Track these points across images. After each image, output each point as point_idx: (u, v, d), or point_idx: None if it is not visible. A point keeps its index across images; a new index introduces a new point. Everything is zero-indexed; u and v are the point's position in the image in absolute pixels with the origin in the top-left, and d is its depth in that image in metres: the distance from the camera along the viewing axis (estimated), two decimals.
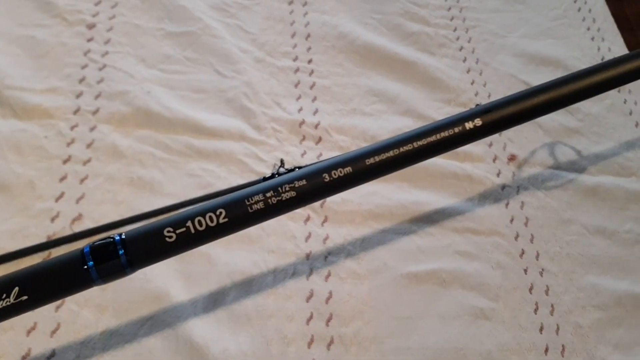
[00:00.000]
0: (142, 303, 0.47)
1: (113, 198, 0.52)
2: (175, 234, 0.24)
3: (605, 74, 0.37)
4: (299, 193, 0.26)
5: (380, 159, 0.29)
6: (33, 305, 0.23)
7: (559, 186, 0.64)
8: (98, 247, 0.23)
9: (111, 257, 0.23)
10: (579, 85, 0.36)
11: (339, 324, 0.50)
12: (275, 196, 0.25)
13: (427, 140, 0.31)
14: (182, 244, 0.24)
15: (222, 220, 0.24)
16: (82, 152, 0.54)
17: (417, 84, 0.66)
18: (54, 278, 0.23)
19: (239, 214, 0.25)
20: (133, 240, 0.24)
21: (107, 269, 0.23)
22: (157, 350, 0.46)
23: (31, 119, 0.54)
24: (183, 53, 0.61)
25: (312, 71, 0.64)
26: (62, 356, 0.44)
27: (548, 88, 0.38)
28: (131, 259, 0.24)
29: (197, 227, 0.24)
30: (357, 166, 0.28)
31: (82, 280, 0.23)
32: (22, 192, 0.50)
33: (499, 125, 0.35)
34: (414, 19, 0.72)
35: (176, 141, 0.56)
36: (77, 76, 0.57)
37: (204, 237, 0.24)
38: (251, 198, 0.25)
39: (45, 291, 0.23)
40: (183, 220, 0.24)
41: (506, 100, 0.36)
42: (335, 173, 0.27)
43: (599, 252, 0.61)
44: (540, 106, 0.36)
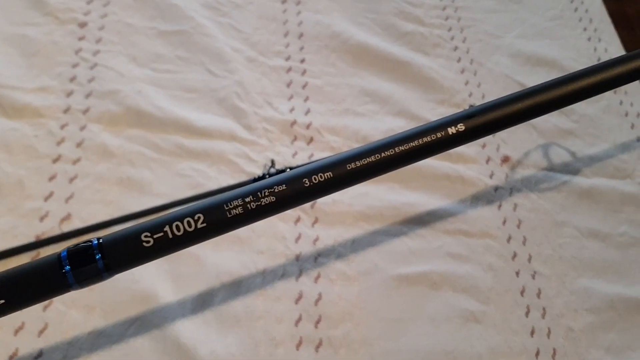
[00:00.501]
0: (130, 304, 0.48)
1: (102, 198, 0.52)
2: (153, 239, 0.24)
3: (594, 77, 0.37)
4: (279, 198, 0.26)
5: (361, 164, 0.29)
6: (10, 310, 0.24)
7: (553, 188, 0.64)
8: (75, 252, 0.23)
9: (88, 261, 0.24)
10: (566, 90, 0.36)
11: (328, 326, 0.50)
12: (254, 201, 0.25)
13: (409, 145, 0.31)
14: (159, 249, 0.24)
15: (200, 225, 0.25)
16: (72, 152, 0.54)
17: (410, 84, 0.67)
18: (31, 282, 0.23)
19: (218, 219, 0.25)
20: (110, 245, 0.24)
21: (84, 273, 0.23)
22: (145, 351, 0.46)
23: (21, 118, 0.54)
24: (175, 52, 0.62)
25: (305, 71, 0.65)
26: (50, 356, 0.44)
27: (534, 92, 0.37)
28: (108, 264, 0.24)
29: (174, 232, 0.24)
30: (338, 171, 0.28)
31: (59, 285, 0.23)
32: (11, 191, 0.50)
33: (482, 130, 0.35)
34: (409, 19, 0.72)
35: (166, 141, 0.56)
36: (68, 75, 0.58)
37: (181, 242, 0.25)
38: (230, 203, 0.25)
39: (22, 295, 0.23)
40: (160, 225, 0.24)
41: (490, 105, 0.36)
42: (316, 178, 0.28)
43: (592, 255, 0.61)
44: (525, 111, 0.36)
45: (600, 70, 0.39)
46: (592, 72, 0.38)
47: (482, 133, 0.36)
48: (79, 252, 0.23)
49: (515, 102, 0.36)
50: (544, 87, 0.38)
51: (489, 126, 0.35)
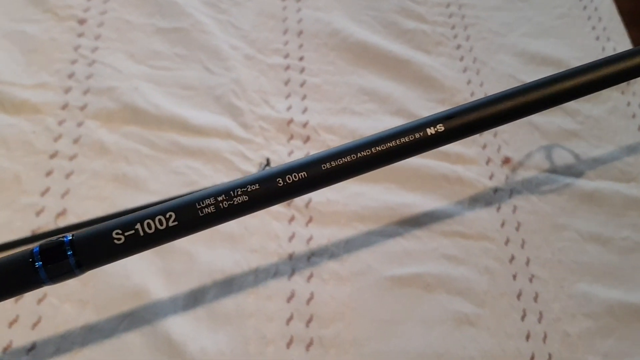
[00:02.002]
0: (122, 299, 0.50)
1: (98, 194, 0.54)
2: (124, 237, 0.25)
3: (582, 77, 0.37)
4: (252, 197, 0.27)
5: (336, 164, 0.30)
6: None
7: (554, 190, 0.65)
8: (47, 248, 0.25)
9: (60, 258, 0.25)
10: (552, 90, 0.37)
11: (319, 325, 0.52)
12: (227, 200, 0.27)
13: (386, 146, 0.32)
14: (131, 246, 0.26)
15: (171, 224, 0.26)
16: (68, 148, 0.56)
17: (410, 83, 0.68)
18: (4, 277, 0.25)
19: (189, 218, 0.26)
20: (82, 242, 0.25)
21: (56, 269, 0.25)
22: (136, 347, 0.48)
23: (19, 113, 0.56)
24: (173, 49, 0.63)
25: (303, 69, 0.66)
26: (43, 349, 0.46)
27: (517, 93, 0.38)
28: (79, 261, 0.25)
29: (146, 230, 0.26)
30: (313, 171, 0.29)
31: (32, 280, 0.25)
32: (8, 186, 0.52)
33: (462, 132, 0.35)
34: (411, 16, 0.73)
35: (162, 138, 0.58)
36: (67, 71, 0.60)
37: (153, 240, 0.26)
38: (202, 202, 0.26)
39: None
40: (132, 223, 0.25)
41: (471, 106, 0.36)
42: (290, 178, 0.29)
43: (592, 260, 0.61)
44: (508, 112, 0.36)
45: (589, 70, 0.38)
46: (580, 72, 0.38)
47: (462, 134, 0.36)
48: (50, 248, 0.25)
49: (498, 102, 0.36)
50: (529, 87, 0.38)
51: (470, 127, 0.35)
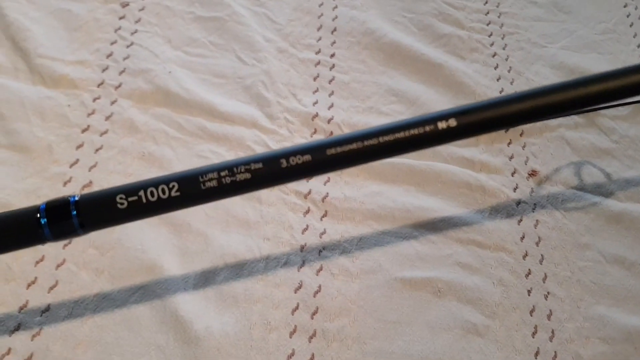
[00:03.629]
0: (136, 272, 0.53)
1: (123, 170, 0.58)
2: (127, 202, 0.28)
3: (604, 84, 0.37)
4: (254, 176, 0.29)
5: (342, 150, 0.31)
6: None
7: (580, 208, 0.65)
8: (53, 206, 0.27)
9: (64, 217, 0.27)
10: (571, 95, 0.37)
11: (323, 318, 0.54)
12: (229, 176, 0.29)
13: (394, 137, 0.32)
14: (132, 212, 0.28)
15: (174, 194, 0.28)
16: (100, 124, 0.60)
17: (440, 87, 0.69)
18: (10, 231, 0.27)
19: (192, 190, 0.28)
20: (86, 203, 0.28)
21: (60, 228, 0.27)
22: (144, 319, 0.51)
23: (57, 87, 0.61)
24: (208, 37, 0.67)
25: (333, 65, 0.68)
26: (56, 312, 0.50)
27: (536, 94, 0.38)
28: (83, 221, 0.28)
29: (148, 198, 0.28)
30: (317, 155, 0.31)
31: (36, 236, 0.27)
32: (40, 155, 0.57)
33: (475, 129, 0.35)
34: (448, 21, 0.74)
35: (190, 122, 0.61)
36: (106, 51, 0.64)
37: (154, 208, 0.28)
38: (205, 175, 0.28)
39: (2, 242, 0.27)
40: (136, 189, 0.28)
41: (488, 103, 0.36)
42: (294, 160, 0.30)
43: (614, 283, 0.61)
44: (525, 113, 0.36)
45: (613, 76, 0.38)
46: (602, 79, 0.38)
47: (474, 131, 0.37)
48: (56, 207, 0.27)
49: (515, 102, 0.36)
50: (550, 89, 0.38)
51: (484, 124, 0.36)
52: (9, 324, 0.48)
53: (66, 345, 0.48)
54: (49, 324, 0.49)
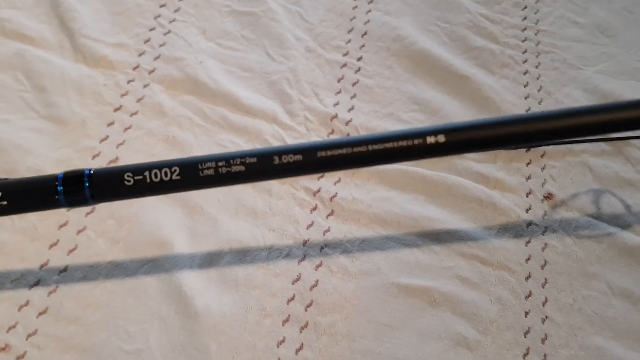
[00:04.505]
0: (149, 246, 0.62)
1: (148, 150, 0.68)
2: (133, 180, 0.36)
3: (602, 116, 0.42)
4: (248, 169, 0.37)
5: (331, 153, 0.38)
6: (9, 212, 0.36)
7: (593, 237, 0.70)
8: (69, 177, 0.35)
9: (78, 187, 0.36)
10: (566, 123, 0.41)
11: (317, 312, 0.61)
12: (225, 166, 0.37)
13: (382, 146, 0.39)
14: (137, 189, 0.36)
15: (174, 177, 0.36)
16: (131, 105, 0.70)
17: (465, 100, 0.75)
18: (31, 193, 0.36)
19: (190, 175, 0.36)
20: (98, 177, 0.36)
21: (73, 196, 0.35)
22: (151, 289, 0.60)
23: (97, 67, 0.71)
24: (241, 31, 0.76)
25: (359, 69, 0.76)
26: (72, 273, 0.60)
27: (530, 119, 0.42)
28: (93, 193, 0.36)
29: (152, 178, 0.36)
30: (308, 156, 0.38)
31: (52, 201, 0.35)
32: (74, 128, 0.67)
33: (462, 147, 0.40)
34: (481, 34, 0.80)
35: (214, 111, 0.70)
36: (144, 37, 0.74)
37: (156, 188, 0.36)
38: (204, 164, 0.36)
39: (22, 202, 0.36)
40: (142, 170, 0.36)
41: (477, 124, 0.41)
42: (286, 158, 0.38)
43: (617, 316, 0.65)
44: (516, 136, 0.41)
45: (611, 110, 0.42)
46: (600, 110, 0.42)
47: (462, 149, 0.42)
48: (72, 177, 0.36)
49: (507, 125, 0.41)
50: (543, 116, 0.43)
51: (472, 143, 0.41)
52: (29, 278, 0.59)
53: (78, 304, 0.58)
54: (65, 283, 0.59)
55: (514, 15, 0.85)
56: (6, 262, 0.59)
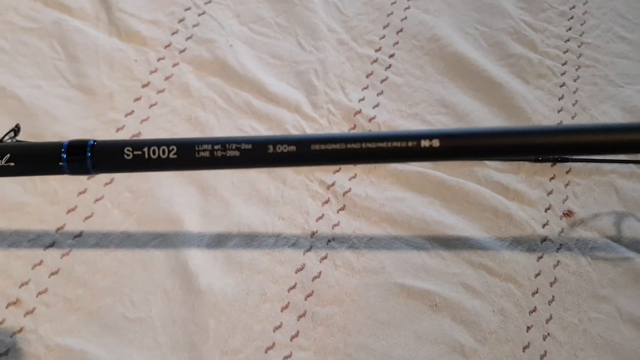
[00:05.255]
0: (160, 221, 0.69)
1: (170, 128, 0.75)
2: (133, 154, 0.41)
3: (594, 136, 0.45)
4: (243, 154, 0.42)
5: (325, 147, 0.42)
6: (15, 173, 0.41)
7: (610, 260, 0.73)
8: (73, 145, 0.41)
9: (81, 156, 0.41)
10: (564, 139, 0.44)
11: (316, 302, 0.67)
12: (221, 150, 0.42)
13: (376, 145, 0.43)
14: (136, 164, 0.41)
15: (172, 156, 0.41)
16: (159, 82, 0.77)
17: (495, 107, 0.79)
18: (37, 157, 0.41)
19: (186, 156, 0.41)
20: (100, 149, 0.41)
21: (76, 165, 0.41)
22: (158, 263, 0.67)
23: (129, 42, 0.79)
24: (275, 18, 0.82)
25: (390, 65, 0.81)
26: (86, 239, 0.67)
27: (529, 132, 0.45)
28: (95, 164, 0.41)
29: (150, 155, 0.41)
30: (302, 148, 0.42)
31: (56, 167, 0.41)
32: (102, 100, 0.75)
33: (456, 153, 0.43)
34: (522, 41, 0.84)
35: (238, 96, 0.77)
36: (179, 16, 0.81)
37: (154, 165, 0.41)
38: (200, 145, 0.42)
39: (28, 165, 0.41)
40: (141, 145, 0.41)
41: (474, 132, 0.43)
42: (280, 148, 0.42)
43: (623, 342, 0.69)
44: (513, 148, 0.44)
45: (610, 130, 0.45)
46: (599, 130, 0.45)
47: (456, 155, 0.46)
48: (76, 146, 0.41)
49: (505, 136, 0.44)
50: (546, 130, 0.46)
51: (467, 151, 0.44)
52: (45, 240, 0.66)
53: (88, 269, 0.66)
54: (78, 248, 0.67)
55: (559, 24, 0.89)
56: (25, 222, 0.67)
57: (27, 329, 0.62)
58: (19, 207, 0.68)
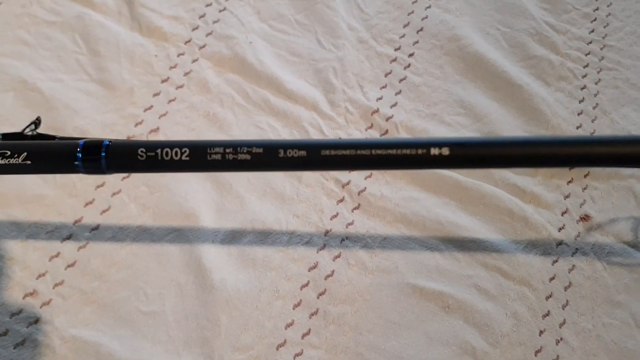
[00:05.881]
0: (176, 216, 0.68)
1: (188, 124, 0.73)
2: (146, 155, 0.40)
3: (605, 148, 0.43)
4: (253, 158, 0.41)
5: (335, 153, 0.41)
6: (31, 171, 0.41)
7: (626, 265, 0.70)
8: (89, 145, 0.40)
9: (96, 156, 0.40)
10: (577, 150, 0.43)
11: (328, 301, 0.65)
12: (232, 153, 0.41)
13: (385, 152, 0.41)
14: (148, 165, 0.40)
15: (184, 158, 0.40)
16: (179, 78, 0.75)
17: (514, 109, 0.76)
18: (53, 156, 0.40)
19: (198, 158, 0.40)
20: (114, 149, 0.40)
21: (90, 164, 0.40)
22: (173, 257, 0.66)
23: (150, 37, 0.77)
24: (295, 15, 0.80)
25: (409, 65, 0.78)
26: (103, 232, 0.66)
27: (540, 142, 0.44)
28: (109, 164, 0.40)
29: (163, 156, 0.40)
30: (312, 153, 0.41)
31: (71, 166, 0.40)
32: (122, 94, 0.73)
33: (465, 162, 0.42)
34: (543, 43, 0.81)
35: (256, 92, 0.74)
36: (200, 12, 0.79)
37: (166, 166, 0.40)
38: (212, 148, 0.40)
39: (44, 163, 0.40)
40: (155, 147, 0.40)
41: (484, 141, 0.43)
42: (290, 152, 0.41)
43: (636, 348, 0.66)
44: (518, 158, 0.43)
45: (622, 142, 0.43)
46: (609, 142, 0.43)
47: (465, 164, 0.44)
48: (91, 146, 0.40)
49: (515, 145, 0.43)
50: (555, 140, 0.44)
51: (477, 160, 0.43)
52: (62, 232, 0.65)
53: (104, 262, 0.64)
54: (95, 240, 0.65)
55: (581, 26, 0.85)
56: (44, 214, 0.66)
57: (43, 320, 0.61)
58: (38, 199, 0.67)
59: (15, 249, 0.64)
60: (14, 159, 0.40)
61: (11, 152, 0.41)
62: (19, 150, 0.41)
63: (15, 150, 0.40)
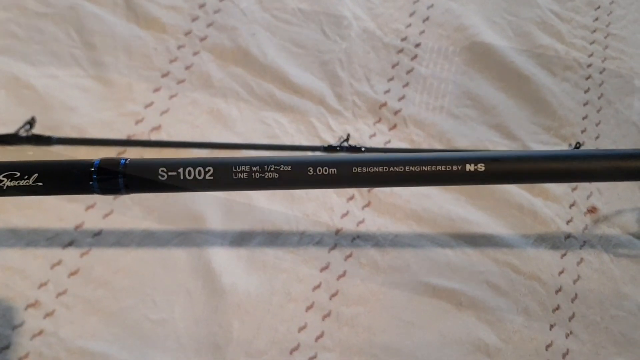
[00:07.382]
0: (183, 218, 0.60)
1: (191, 121, 0.64)
2: (167, 175, 0.33)
3: None
4: (281, 176, 0.34)
5: (367, 170, 0.35)
6: (44, 192, 0.34)
7: (632, 257, 0.65)
8: (105, 165, 0.33)
9: (112, 177, 0.33)
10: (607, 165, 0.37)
11: (341, 302, 0.59)
12: (259, 172, 0.33)
13: (420, 168, 0.35)
14: (170, 185, 0.33)
15: (207, 177, 0.33)
16: (180, 72, 0.66)
17: (521, 100, 0.69)
18: (66, 177, 0.33)
19: (223, 177, 0.33)
20: (132, 169, 0.33)
21: (107, 185, 0.33)
22: (180, 262, 0.58)
23: (148, 29, 0.67)
24: (299, 4, 0.70)
25: (416, 56, 0.70)
26: (106, 237, 0.58)
27: (573, 157, 0.38)
28: (127, 184, 0.33)
29: (186, 176, 0.33)
30: (343, 170, 0.35)
31: (86, 187, 0.33)
32: (120, 90, 0.64)
33: (502, 177, 0.37)
34: (549, 32, 0.73)
35: (261, 87, 0.66)
36: (200, 1, 0.69)
37: (189, 186, 0.33)
38: (238, 167, 0.33)
39: (57, 185, 0.33)
40: (177, 166, 0.33)
41: (520, 155, 0.38)
42: (320, 170, 0.34)
43: None
44: (557, 173, 0.37)
45: None
46: None
47: (501, 179, 0.39)
48: (107, 166, 0.33)
49: (551, 160, 0.37)
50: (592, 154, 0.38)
51: (512, 175, 0.37)
52: (64, 238, 0.57)
53: (109, 268, 0.57)
54: (98, 246, 0.57)
55: (586, 14, 0.78)
56: (43, 220, 0.57)
57: (47, 332, 0.54)
58: (37, 205, 0.58)
59: (14, 258, 0.56)
60: (24, 181, 0.33)
61: (21, 173, 0.34)
62: (30, 171, 0.34)
63: (26, 171, 0.33)
